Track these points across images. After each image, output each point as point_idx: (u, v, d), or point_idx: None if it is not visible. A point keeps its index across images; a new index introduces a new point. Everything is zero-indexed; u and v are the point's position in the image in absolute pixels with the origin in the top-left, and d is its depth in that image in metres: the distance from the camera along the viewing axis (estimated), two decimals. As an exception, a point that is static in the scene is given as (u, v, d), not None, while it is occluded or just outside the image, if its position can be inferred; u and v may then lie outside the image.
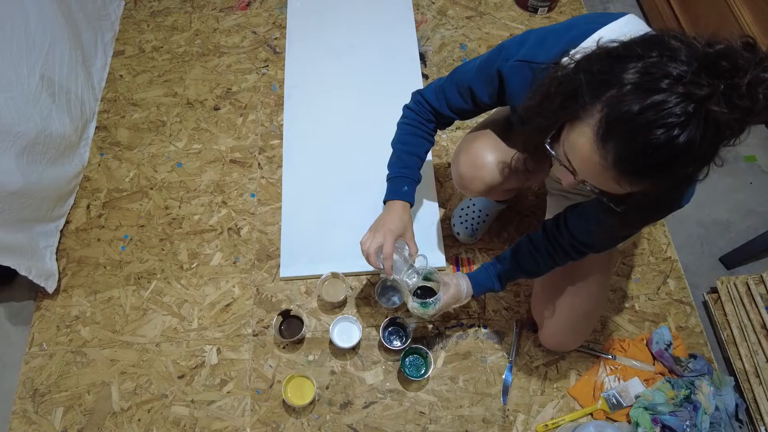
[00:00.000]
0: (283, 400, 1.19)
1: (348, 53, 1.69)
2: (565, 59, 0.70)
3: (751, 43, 0.55)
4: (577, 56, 0.68)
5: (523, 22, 1.78)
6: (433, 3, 1.83)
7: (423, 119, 1.05)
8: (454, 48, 1.72)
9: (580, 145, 0.64)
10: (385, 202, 1.09)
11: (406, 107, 1.09)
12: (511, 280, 1.08)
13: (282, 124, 1.57)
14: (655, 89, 0.55)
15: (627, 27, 0.76)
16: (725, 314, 1.26)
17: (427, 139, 1.07)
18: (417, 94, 1.07)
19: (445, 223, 1.40)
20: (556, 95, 0.68)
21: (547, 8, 1.78)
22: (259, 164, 1.52)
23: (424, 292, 1.10)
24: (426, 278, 1.09)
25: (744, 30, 1.33)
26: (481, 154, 1.05)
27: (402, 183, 1.07)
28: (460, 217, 1.37)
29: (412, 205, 1.09)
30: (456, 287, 1.07)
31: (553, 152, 0.71)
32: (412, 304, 1.06)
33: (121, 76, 1.68)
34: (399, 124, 1.10)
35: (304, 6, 1.80)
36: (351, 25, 1.75)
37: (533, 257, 1.02)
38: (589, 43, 0.70)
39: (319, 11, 1.78)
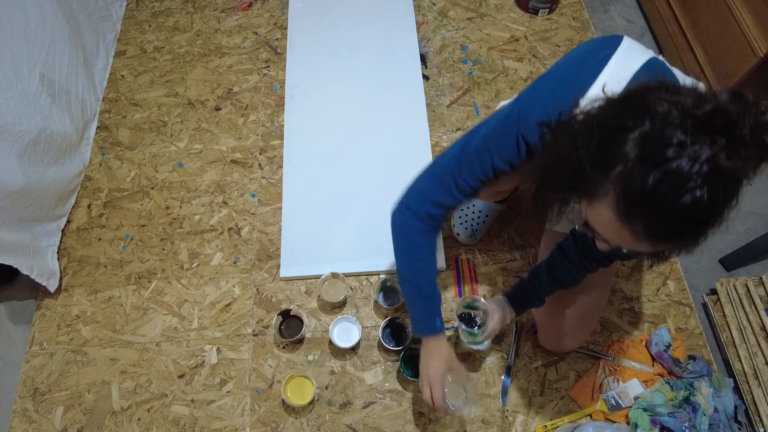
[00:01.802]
0: (283, 400, 1.19)
1: (349, 54, 1.69)
2: (575, 111, 0.70)
3: (737, 94, 0.56)
4: (575, 120, 0.68)
5: (524, 23, 1.78)
6: (434, 4, 1.83)
7: (432, 235, 0.94)
8: (455, 49, 1.73)
9: (605, 224, 0.63)
10: (418, 337, 1.03)
11: (411, 229, 0.93)
12: (548, 295, 1.09)
13: (283, 125, 1.58)
14: (662, 160, 0.55)
15: (627, 60, 0.77)
16: (725, 316, 1.26)
17: (435, 253, 0.98)
18: (421, 209, 0.91)
19: (445, 224, 1.41)
20: (560, 172, 0.68)
21: (548, 10, 1.78)
22: (259, 164, 1.52)
23: (469, 320, 1.12)
24: (469, 306, 1.12)
25: (744, 31, 1.33)
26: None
27: (433, 317, 0.99)
28: (460, 218, 1.38)
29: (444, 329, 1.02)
30: (500, 312, 1.08)
31: (578, 228, 0.72)
32: (462, 333, 1.10)
33: (122, 76, 1.69)
34: (405, 248, 0.96)
35: (306, 7, 1.80)
36: (352, 26, 1.75)
37: (568, 270, 1.02)
38: (595, 91, 0.72)
39: (321, 12, 1.79)
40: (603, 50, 0.78)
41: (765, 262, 1.38)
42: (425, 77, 1.66)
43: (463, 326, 1.09)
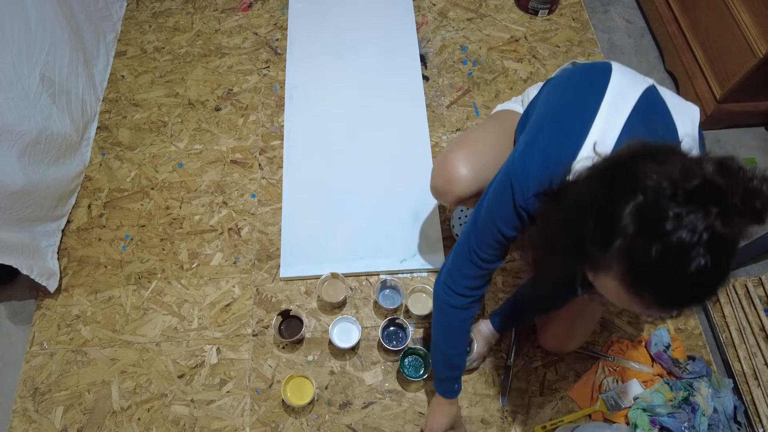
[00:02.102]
0: (283, 400, 1.19)
1: (349, 55, 1.70)
2: (568, 178, 0.70)
3: (722, 164, 0.56)
4: (567, 191, 0.68)
5: (524, 24, 1.78)
6: (434, 5, 1.84)
7: (471, 310, 0.96)
8: (455, 50, 1.73)
9: (613, 293, 0.63)
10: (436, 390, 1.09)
11: (451, 307, 0.95)
12: (534, 317, 1.15)
13: (283, 125, 1.58)
14: (662, 233, 0.55)
15: (617, 105, 0.76)
16: (724, 316, 1.27)
17: (469, 329, 1.03)
18: (458, 285, 0.92)
19: (445, 224, 1.41)
20: (560, 249, 0.68)
21: (547, 10, 1.78)
22: (259, 165, 1.53)
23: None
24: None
25: (743, 32, 1.33)
26: (454, 168, 1.02)
27: (453, 384, 1.05)
28: (460, 218, 1.38)
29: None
30: (483, 336, 1.19)
31: (586, 296, 0.72)
32: None
33: (122, 76, 1.69)
34: (443, 321, 0.99)
35: (306, 7, 1.80)
36: (352, 27, 1.75)
37: (552, 296, 1.05)
38: (586, 152, 0.73)
39: (321, 13, 1.79)
40: (591, 95, 0.78)
41: (764, 262, 1.38)
42: (425, 78, 1.66)
43: None
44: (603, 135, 0.74)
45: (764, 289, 1.22)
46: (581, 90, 0.82)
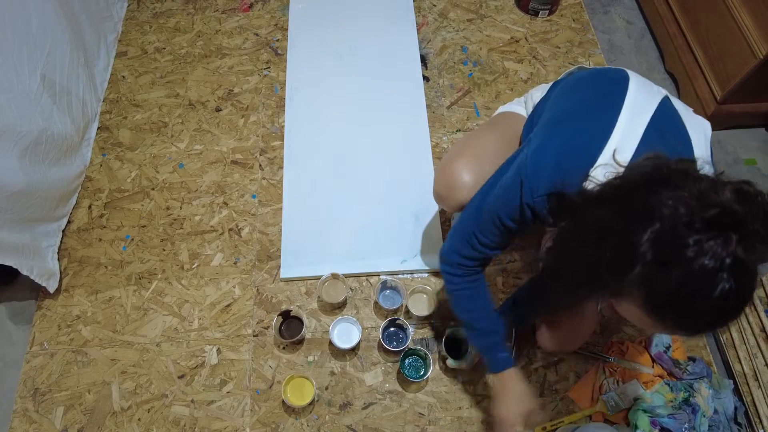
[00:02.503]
0: (283, 401, 1.19)
1: (349, 55, 1.70)
2: (585, 185, 0.70)
3: (740, 190, 0.56)
4: (588, 208, 0.66)
5: (524, 25, 1.78)
6: (434, 5, 1.84)
7: (475, 276, 0.97)
8: (455, 50, 1.73)
9: (636, 318, 0.63)
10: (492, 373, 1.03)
11: (449, 275, 0.97)
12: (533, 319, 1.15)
13: (283, 126, 1.58)
14: (683, 260, 0.55)
15: (636, 115, 0.76)
16: (724, 317, 1.26)
17: (486, 290, 0.99)
18: (452, 259, 0.95)
19: (446, 225, 1.41)
20: (576, 277, 0.67)
21: (548, 11, 1.78)
22: (260, 165, 1.53)
23: (455, 346, 1.21)
24: (454, 334, 1.21)
25: (744, 33, 1.33)
26: (456, 175, 1.02)
27: (497, 351, 1.00)
28: (460, 219, 1.38)
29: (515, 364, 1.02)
30: None
31: (604, 315, 0.72)
32: (450, 362, 1.18)
33: (123, 77, 1.69)
34: (454, 294, 0.99)
35: (306, 8, 1.80)
36: (352, 28, 1.75)
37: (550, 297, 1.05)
38: (604, 159, 0.72)
39: (321, 14, 1.79)
40: (610, 102, 0.77)
41: (765, 263, 1.38)
42: (425, 78, 1.66)
43: (450, 360, 1.18)
44: (622, 143, 0.73)
45: (764, 289, 1.22)
46: (599, 96, 0.81)
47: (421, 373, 1.20)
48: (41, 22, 1.35)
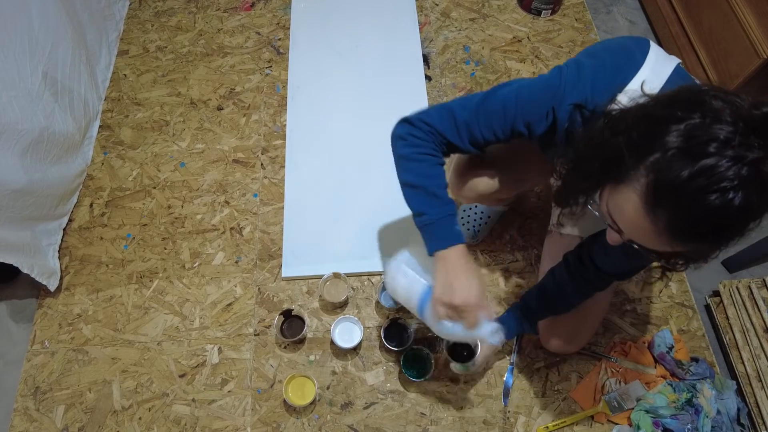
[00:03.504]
0: (284, 400, 1.19)
1: (351, 54, 1.69)
2: (611, 107, 0.70)
3: None
4: (615, 111, 0.67)
5: (527, 24, 1.78)
6: (437, 5, 1.83)
7: (437, 149, 0.89)
8: (458, 50, 1.73)
9: (628, 211, 0.62)
10: (432, 253, 0.89)
11: (413, 137, 0.88)
12: (541, 319, 1.12)
13: (285, 125, 1.58)
14: (703, 153, 0.53)
15: (660, 63, 0.77)
16: (727, 318, 1.26)
17: (443, 169, 0.91)
18: (421, 122, 0.88)
19: (447, 224, 1.40)
20: (594, 158, 0.67)
21: (550, 11, 1.78)
22: (261, 164, 1.52)
23: (460, 349, 1.16)
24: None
25: (747, 33, 1.32)
26: (473, 174, 1.05)
27: (453, 223, 0.87)
28: (462, 218, 1.37)
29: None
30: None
31: (596, 213, 0.71)
32: (454, 365, 1.14)
33: (125, 75, 1.69)
34: (409, 154, 0.89)
35: (308, 7, 1.80)
36: (354, 27, 1.75)
37: (563, 297, 1.03)
38: (634, 85, 0.73)
39: (323, 12, 1.79)
40: (637, 50, 0.79)
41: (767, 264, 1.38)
42: (428, 78, 1.66)
43: (457, 365, 1.13)
44: (650, 78, 0.74)
45: (768, 290, 1.21)
46: (629, 45, 0.81)
47: (423, 372, 1.19)
48: (43, 21, 1.35)
